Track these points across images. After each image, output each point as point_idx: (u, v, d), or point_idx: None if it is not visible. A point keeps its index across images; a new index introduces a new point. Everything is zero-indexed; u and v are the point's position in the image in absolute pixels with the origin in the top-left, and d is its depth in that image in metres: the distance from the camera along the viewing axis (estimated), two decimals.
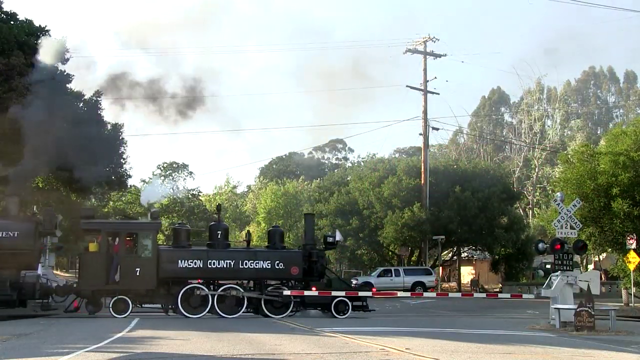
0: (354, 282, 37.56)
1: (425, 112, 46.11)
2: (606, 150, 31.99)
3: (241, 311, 22.37)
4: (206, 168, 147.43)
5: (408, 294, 33.13)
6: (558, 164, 51.65)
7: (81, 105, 32.20)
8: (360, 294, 23.62)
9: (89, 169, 26.73)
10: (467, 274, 53.46)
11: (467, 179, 45.70)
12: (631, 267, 29.61)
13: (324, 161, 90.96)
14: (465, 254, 52.89)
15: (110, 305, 21.49)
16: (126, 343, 13.81)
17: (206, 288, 22.21)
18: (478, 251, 51.14)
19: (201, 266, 22.32)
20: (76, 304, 21.70)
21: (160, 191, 58.53)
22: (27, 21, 31.49)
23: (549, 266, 38.68)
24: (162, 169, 67.54)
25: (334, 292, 22.84)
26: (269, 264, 22.90)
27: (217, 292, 22.23)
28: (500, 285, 47.01)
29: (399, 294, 30.05)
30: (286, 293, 22.63)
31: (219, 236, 23.24)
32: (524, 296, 30.29)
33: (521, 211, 60.36)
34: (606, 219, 30.74)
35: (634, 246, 29.32)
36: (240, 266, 22.66)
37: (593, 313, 18.43)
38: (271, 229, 25.60)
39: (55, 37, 31.56)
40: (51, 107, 23.90)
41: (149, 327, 17.72)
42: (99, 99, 32.44)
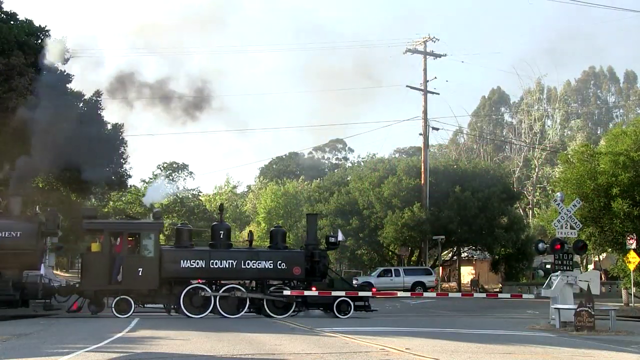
0: (354, 282, 37.54)
1: (425, 112, 46.12)
2: (606, 150, 32.00)
3: (243, 311, 22.35)
4: (206, 168, 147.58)
5: (408, 294, 33.15)
6: (558, 164, 51.64)
7: (81, 105, 32.18)
8: (360, 294, 23.61)
9: (92, 169, 26.74)
10: (467, 274, 53.43)
11: (467, 179, 45.70)
12: (631, 267, 29.60)
13: (324, 161, 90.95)
14: (465, 254, 52.87)
15: (113, 305, 21.47)
16: (126, 343, 13.81)
17: (209, 288, 22.20)
18: (478, 251, 51.13)
19: (203, 266, 22.28)
20: (76, 305, 21.67)
21: (164, 191, 58.66)
22: (27, 21, 31.46)
23: (549, 266, 38.72)
24: (162, 169, 67.59)
25: (333, 292, 22.82)
26: (272, 264, 22.86)
27: (221, 293, 22.17)
28: (500, 285, 47.00)
29: (399, 294, 30.07)
30: (286, 293, 22.63)
31: (221, 236, 23.19)
32: (524, 296, 30.34)
33: (521, 211, 60.34)
34: (606, 219, 30.74)
35: (634, 246, 29.32)
36: (243, 266, 22.61)
37: (593, 313, 18.44)
38: (273, 229, 25.46)
39: (55, 37, 31.66)
40: (55, 108, 23.90)
41: (149, 327, 17.72)
42: (99, 99, 32.43)
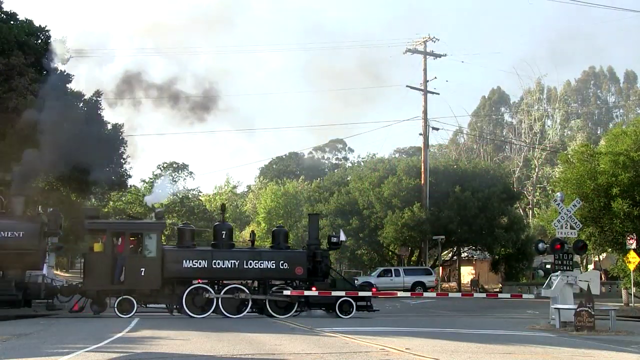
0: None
1: (425, 112, 46.12)
2: (606, 150, 31.99)
3: (246, 311, 22.33)
4: (206, 168, 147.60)
5: (408, 294, 33.12)
6: (558, 164, 51.63)
7: (81, 105, 32.16)
8: (360, 294, 23.61)
9: (99, 170, 26.75)
10: (467, 274, 53.41)
11: (467, 179, 45.70)
12: (631, 267, 29.60)
13: (324, 161, 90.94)
14: (465, 254, 52.86)
15: (115, 305, 21.47)
16: (126, 343, 13.81)
17: (211, 288, 22.18)
18: (478, 251, 51.12)
19: (206, 266, 22.28)
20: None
21: (170, 190, 58.75)
22: (27, 21, 31.42)
23: (549, 266, 38.73)
24: (162, 168, 67.58)
25: (333, 292, 22.82)
26: (274, 264, 22.87)
27: (225, 295, 22.13)
28: (500, 285, 46.98)
29: (399, 294, 30.02)
30: (286, 293, 22.63)
31: (223, 236, 23.20)
32: (524, 296, 30.35)
33: (521, 211, 60.33)
34: (606, 219, 30.74)
35: (634, 246, 29.31)
36: (245, 266, 22.62)
37: (593, 313, 18.44)
38: (276, 229, 25.46)
39: (56, 38, 31.65)
40: (60, 109, 23.94)
41: (149, 327, 17.72)
42: (99, 99, 32.41)
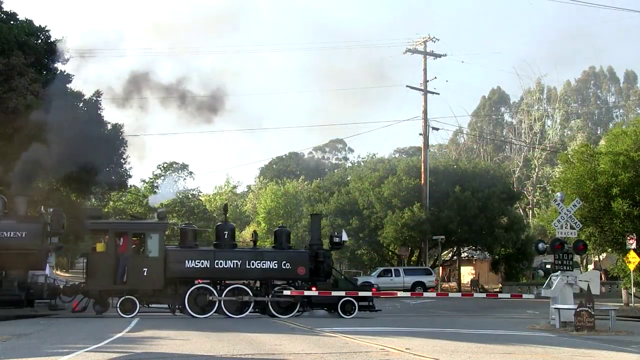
0: None
1: (425, 112, 46.12)
2: (606, 150, 31.99)
3: (248, 311, 22.33)
4: (206, 168, 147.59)
5: (408, 294, 33.11)
6: (558, 164, 51.63)
7: (81, 105, 32.16)
8: (360, 293, 23.61)
9: (105, 171, 26.73)
10: (467, 274, 53.41)
11: (467, 179, 45.70)
12: (631, 267, 29.60)
13: (324, 161, 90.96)
14: (465, 254, 52.86)
15: (118, 305, 21.47)
16: (126, 343, 13.81)
17: (213, 288, 22.16)
18: (478, 251, 51.12)
19: (208, 266, 22.28)
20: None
21: (174, 190, 58.79)
22: (27, 21, 31.44)
23: (549, 266, 38.73)
24: (162, 168, 67.60)
25: (333, 292, 22.82)
26: (276, 264, 22.86)
27: (228, 298, 22.10)
28: (500, 285, 46.98)
29: (399, 294, 30.01)
30: (286, 293, 22.64)
31: (225, 236, 23.19)
32: (524, 296, 30.33)
33: (521, 211, 60.33)
34: (606, 219, 30.73)
35: (634, 246, 29.31)
36: (247, 266, 22.60)
37: (593, 313, 18.44)
38: (278, 229, 25.44)
39: (56, 38, 31.67)
40: (65, 109, 23.94)
41: (149, 327, 17.71)
42: (99, 98, 32.42)
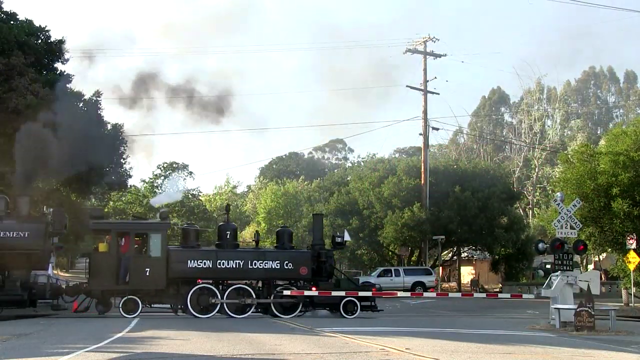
0: None
1: (425, 112, 46.13)
2: (606, 150, 31.99)
3: (250, 311, 22.31)
4: (206, 168, 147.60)
5: (408, 294, 33.10)
6: (558, 164, 51.63)
7: (81, 105, 32.13)
8: (360, 294, 23.61)
9: (99, 169, 26.73)
10: (467, 274, 53.42)
11: (467, 179, 45.71)
12: (631, 267, 29.60)
13: (324, 161, 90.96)
14: (465, 254, 52.87)
15: (120, 305, 21.46)
16: (126, 343, 13.81)
17: (215, 288, 22.12)
18: (478, 251, 51.12)
19: (210, 266, 22.24)
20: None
21: (179, 192, 58.80)
22: (27, 21, 31.39)
23: (549, 266, 38.75)
24: (162, 168, 67.56)
25: (333, 292, 22.81)
26: (278, 264, 22.81)
27: (230, 301, 22.08)
28: (500, 285, 46.98)
29: (399, 294, 29.99)
30: (286, 293, 22.63)
31: (227, 236, 23.18)
32: (524, 296, 30.32)
33: (521, 211, 60.33)
34: (606, 219, 30.74)
35: (634, 246, 29.32)
36: (250, 266, 22.57)
37: (593, 313, 18.44)
38: (280, 229, 25.39)
39: (56, 38, 31.63)
40: (69, 110, 23.96)
41: (149, 327, 17.70)
42: (99, 99, 32.40)
